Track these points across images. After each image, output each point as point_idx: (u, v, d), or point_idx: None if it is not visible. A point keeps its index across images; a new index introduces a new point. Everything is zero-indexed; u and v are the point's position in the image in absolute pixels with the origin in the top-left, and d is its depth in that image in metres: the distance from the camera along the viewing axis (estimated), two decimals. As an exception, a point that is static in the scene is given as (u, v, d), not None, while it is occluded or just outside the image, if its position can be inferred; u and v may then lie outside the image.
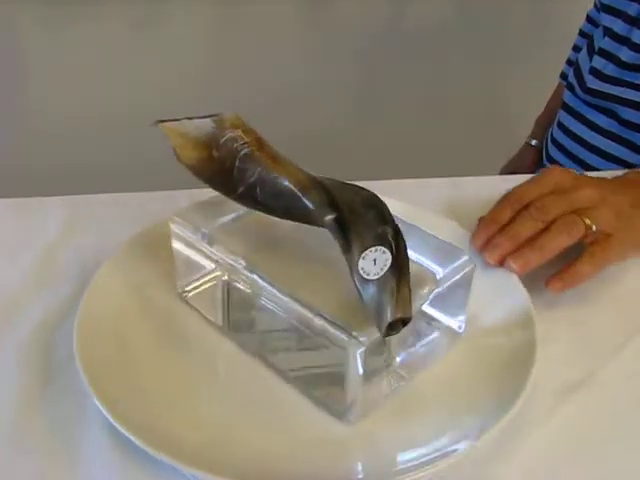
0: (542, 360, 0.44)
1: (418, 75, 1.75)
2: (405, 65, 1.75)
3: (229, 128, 0.44)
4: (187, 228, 0.47)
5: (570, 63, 1.04)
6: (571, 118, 0.91)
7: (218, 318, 0.49)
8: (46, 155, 1.59)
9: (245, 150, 0.44)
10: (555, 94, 1.08)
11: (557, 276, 0.51)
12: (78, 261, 0.55)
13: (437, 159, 1.27)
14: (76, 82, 1.63)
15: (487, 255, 0.52)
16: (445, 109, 1.78)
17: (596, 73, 0.86)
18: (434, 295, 0.43)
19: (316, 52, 1.75)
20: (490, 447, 0.41)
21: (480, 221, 0.55)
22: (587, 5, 1.02)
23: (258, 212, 0.46)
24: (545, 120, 1.07)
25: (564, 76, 1.05)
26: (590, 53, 0.90)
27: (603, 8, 0.90)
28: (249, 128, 0.45)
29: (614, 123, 0.85)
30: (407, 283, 0.39)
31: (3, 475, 0.40)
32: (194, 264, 0.48)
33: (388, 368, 0.45)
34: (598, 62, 0.86)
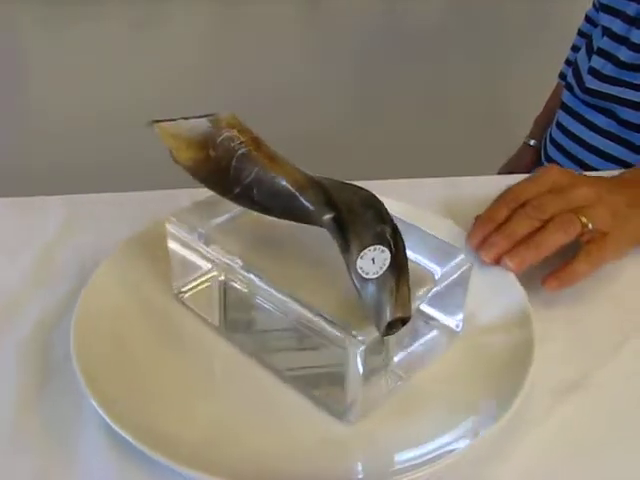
0: (539, 359, 0.44)
1: (417, 75, 1.76)
2: (404, 65, 1.75)
3: (225, 128, 0.44)
4: (183, 228, 0.47)
5: (569, 63, 1.04)
6: (570, 118, 0.91)
7: (215, 318, 0.48)
8: (46, 154, 1.59)
9: (242, 150, 0.43)
10: (554, 94, 1.08)
11: (553, 275, 0.51)
12: (76, 260, 0.55)
13: (436, 159, 1.27)
14: (76, 82, 1.63)
15: (483, 254, 0.52)
16: (444, 109, 1.78)
17: (595, 73, 0.86)
18: (432, 294, 0.43)
19: (315, 52, 1.76)
20: (488, 447, 0.41)
21: (476, 220, 0.55)
22: (586, 5, 1.02)
23: (255, 212, 0.46)
24: (544, 120, 1.07)
25: (563, 76, 1.05)
26: (589, 53, 0.90)
27: (602, 8, 0.90)
28: (245, 128, 0.45)
29: (613, 123, 0.85)
30: (406, 282, 0.39)
31: (0, 474, 0.40)
32: (190, 264, 0.48)
33: (386, 367, 0.45)
34: (597, 62, 0.86)
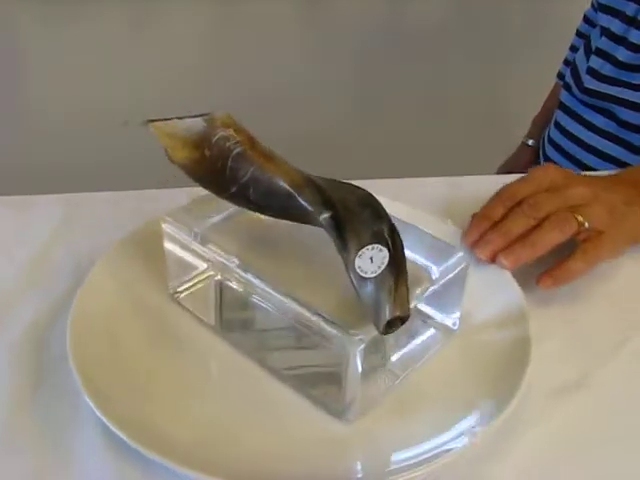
0: (536, 358, 0.44)
1: (417, 75, 1.75)
2: (404, 65, 1.75)
3: (221, 127, 0.44)
4: (179, 228, 0.47)
5: (567, 63, 1.04)
6: (568, 118, 0.91)
7: (210, 318, 0.48)
8: (45, 153, 1.59)
9: (237, 149, 0.43)
10: (552, 94, 1.08)
11: (548, 273, 0.51)
12: (73, 259, 0.55)
13: (436, 159, 1.27)
14: (75, 81, 1.63)
15: (478, 251, 0.52)
16: (444, 109, 1.78)
17: (593, 73, 0.86)
18: (429, 293, 0.43)
19: (314, 51, 1.75)
20: (485, 446, 0.41)
21: (473, 218, 0.55)
22: (584, 5, 1.02)
23: (251, 211, 0.46)
24: (542, 120, 1.07)
25: (561, 76, 1.05)
26: (587, 53, 0.90)
27: (600, 8, 0.90)
28: (240, 127, 0.44)
29: (611, 123, 0.85)
30: (405, 281, 0.39)
31: (-4, 475, 0.40)
32: (186, 264, 0.48)
33: (384, 366, 0.45)
34: (595, 62, 0.86)
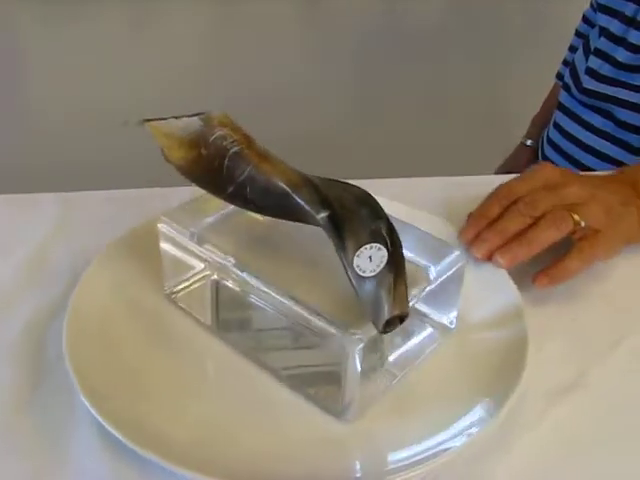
0: (533, 357, 0.44)
1: (417, 75, 1.76)
2: (404, 65, 1.75)
3: (217, 126, 0.43)
4: (175, 228, 0.47)
5: (566, 63, 1.04)
6: (567, 118, 0.91)
7: (207, 318, 0.48)
8: (45, 153, 1.59)
9: (235, 148, 0.43)
10: (551, 94, 1.08)
11: (544, 272, 0.51)
12: (70, 258, 0.55)
13: (436, 159, 1.27)
14: (75, 81, 1.63)
15: (475, 250, 0.52)
16: (444, 109, 1.78)
17: (592, 73, 0.86)
18: (427, 292, 0.43)
19: (314, 51, 1.76)
20: (483, 445, 0.41)
21: (469, 217, 0.55)
22: (583, 5, 1.02)
23: (248, 211, 0.46)
24: (541, 120, 1.07)
25: (560, 76, 1.05)
26: (586, 53, 0.90)
27: (599, 8, 0.90)
28: (237, 126, 0.44)
29: (609, 123, 0.85)
30: (404, 280, 0.39)
31: (-7, 475, 0.40)
32: (182, 264, 0.48)
33: (382, 366, 0.45)
34: (594, 62, 0.86)
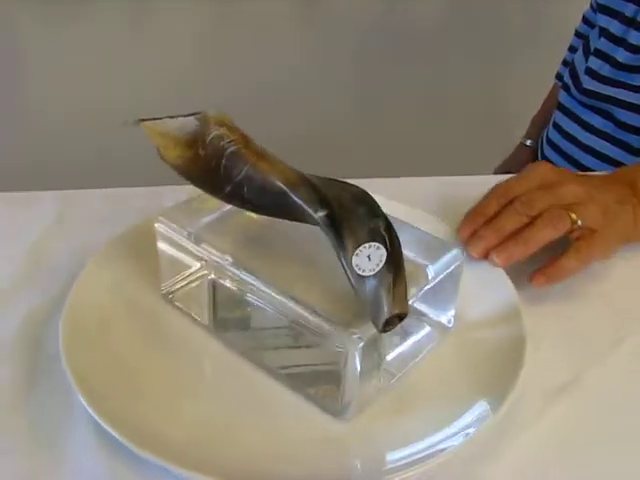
0: (530, 356, 0.44)
1: (417, 75, 1.75)
2: (403, 65, 1.75)
3: (214, 126, 0.43)
4: (172, 228, 0.47)
5: (566, 64, 1.04)
6: (566, 118, 0.91)
7: (204, 317, 0.48)
8: (45, 153, 1.58)
9: (232, 148, 0.43)
10: (551, 94, 1.08)
11: (541, 271, 0.51)
12: (68, 256, 0.55)
13: (436, 159, 1.27)
14: (75, 81, 1.63)
15: (471, 247, 0.52)
16: (444, 109, 1.78)
17: (592, 74, 0.86)
18: (425, 290, 0.43)
19: (314, 51, 1.75)
20: (480, 445, 0.41)
21: (466, 215, 0.55)
22: (583, 5, 1.02)
23: (245, 210, 0.46)
24: (540, 120, 1.07)
25: (560, 77, 1.05)
26: (586, 54, 0.90)
27: (599, 9, 0.90)
28: (234, 125, 0.44)
29: (609, 124, 0.85)
30: (403, 278, 0.39)
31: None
32: (180, 264, 0.48)
33: (380, 365, 0.45)
34: (594, 63, 0.86)
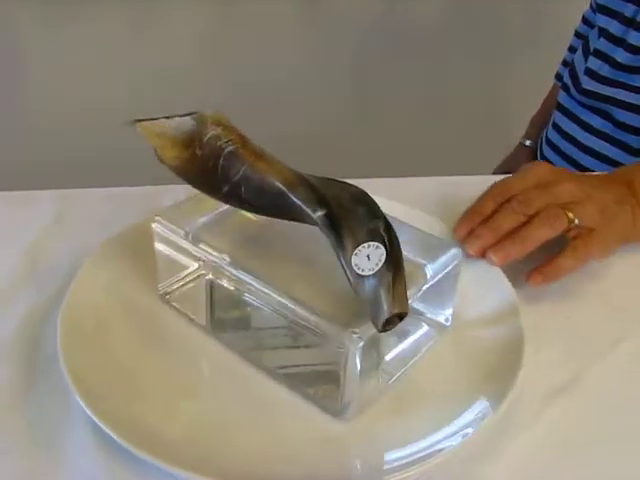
0: (528, 355, 0.44)
1: (417, 75, 1.75)
2: (403, 65, 1.75)
3: (211, 126, 0.43)
4: (169, 228, 0.47)
5: (565, 64, 1.04)
6: (566, 119, 0.91)
7: (202, 318, 0.48)
8: (45, 153, 1.58)
9: (229, 148, 0.43)
10: (550, 95, 1.08)
11: (538, 270, 0.51)
12: (67, 255, 0.55)
13: (436, 159, 1.27)
14: (75, 81, 1.63)
15: (468, 246, 0.52)
16: (444, 109, 1.78)
17: (591, 74, 0.86)
18: (424, 290, 0.43)
19: (314, 51, 1.75)
20: (479, 445, 0.41)
21: (463, 214, 0.55)
22: (583, 6, 1.02)
23: (242, 210, 0.46)
24: (540, 120, 1.07)
25: (559, 77, 1.05)
26: (585, 54, 0.90)
27: (599, 9, 0.90)
28: (231, 125, 0.44)
29: (608, 124, 0.85)
30: (403, 278, 0.39)
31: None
32: (177, 264, 0.48)
33: (379, 364, 0.45)
34: (593, 63, 0.86)
